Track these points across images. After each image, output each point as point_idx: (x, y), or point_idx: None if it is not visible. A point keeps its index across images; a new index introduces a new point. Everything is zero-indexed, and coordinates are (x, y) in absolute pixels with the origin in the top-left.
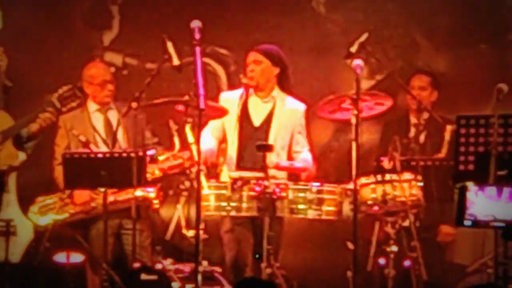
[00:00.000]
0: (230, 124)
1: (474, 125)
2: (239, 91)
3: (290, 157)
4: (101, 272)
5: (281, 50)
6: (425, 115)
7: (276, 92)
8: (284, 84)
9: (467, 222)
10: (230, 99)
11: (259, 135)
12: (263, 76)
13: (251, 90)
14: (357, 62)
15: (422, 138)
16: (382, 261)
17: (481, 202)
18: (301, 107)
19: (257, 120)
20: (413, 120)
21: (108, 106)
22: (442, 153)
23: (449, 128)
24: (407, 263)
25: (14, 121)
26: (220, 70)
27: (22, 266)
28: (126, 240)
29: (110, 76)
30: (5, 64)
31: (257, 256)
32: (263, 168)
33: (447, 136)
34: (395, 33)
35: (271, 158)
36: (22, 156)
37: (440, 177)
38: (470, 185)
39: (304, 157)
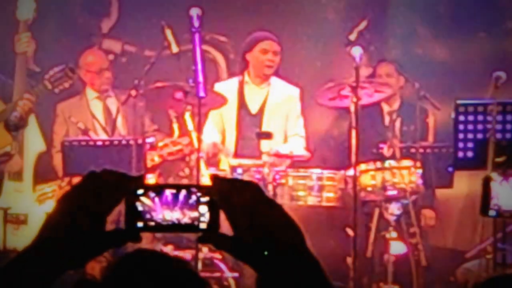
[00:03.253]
0: (228, 113)
1: (473, 112)
2: (233, 80)
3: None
4: (101, 259)
5: (278, 37)
6: (398, 102)
7: (272, 78)
8: (277, 71)
9: (491, 213)
10: (224, 89)
11: (256, 122)
12: (277, 66)
13: (246, 78)
14: (356, 49)
15: (397, 125)
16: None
17: (506, 192)
18: (295, 92)
19: (253, 107)
20: (386, 108)
21: (107, 94)
22: (430, 140)
23: (431, 115)
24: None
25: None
26: (219, 58)
27: None
28: None
29: (107, 64)
30: (32, 49)
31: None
32: (260, 155)
33: (431, 122)
34: (394, 21)
35: (271, 145)
36: (41, 146)
37: (439, 164)
38: (495, 175)
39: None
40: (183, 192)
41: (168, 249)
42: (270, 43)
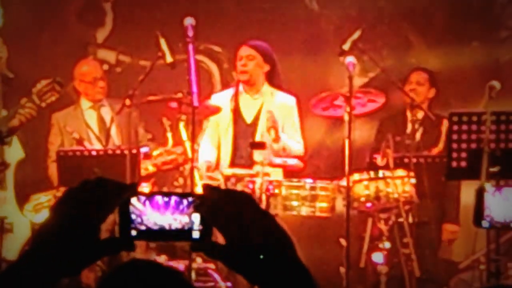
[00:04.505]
0: (224, 122)
1: (467, 122)
2: (229, 91)
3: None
4: (95, 268)
5: (271, 47)
6: (423, 112)
7: (266, 88)
8: (274, 80)
9: (485, 224)
10: (221, 99)
11: (251, 132)
12: (255, 71)
13: (241, 88)
14: (350, 59)
15: (418, 134)
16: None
17: (498, 203)
18: (291, 101)
19: (248, 117)
20: (410, 116)
21: (101, 103)
22: (439, 147)
23: (445, 122)
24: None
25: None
26: (213, 68)
27: None
28: None
29: (101, 73)
30: (5, 55)
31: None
32: (252, 165)
33: (444, 130)
34: (388, 30)
35: (265, 155)
36: (20, 153)
37: (432, 174)
38: (488, 186)
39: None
40: (174, 198)
41: (162, 259)
42: (243, 48)
